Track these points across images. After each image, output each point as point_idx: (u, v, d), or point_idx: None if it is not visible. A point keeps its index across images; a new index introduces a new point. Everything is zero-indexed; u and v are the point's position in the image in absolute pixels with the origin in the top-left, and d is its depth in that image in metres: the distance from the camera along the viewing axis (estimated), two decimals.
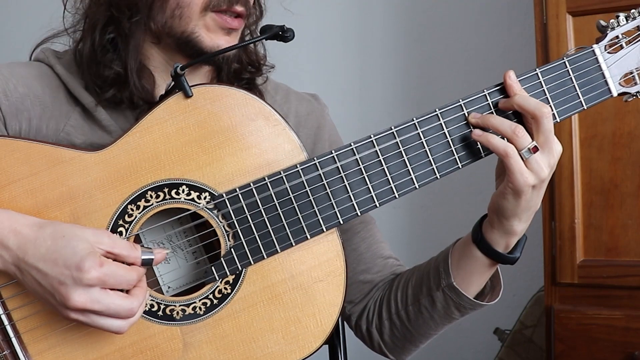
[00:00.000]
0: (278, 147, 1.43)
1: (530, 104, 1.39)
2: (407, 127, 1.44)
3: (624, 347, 2.30)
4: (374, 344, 1.70)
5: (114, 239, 1.33)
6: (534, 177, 1.38)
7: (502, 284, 1.56)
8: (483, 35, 3.17)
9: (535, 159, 1.38)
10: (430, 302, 1.58)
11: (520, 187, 1.38)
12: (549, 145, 1.39)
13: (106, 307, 1.30)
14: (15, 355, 1.37)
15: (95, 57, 1.53)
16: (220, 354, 1.42)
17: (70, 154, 1.40)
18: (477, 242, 1.50)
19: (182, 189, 1.40)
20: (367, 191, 1.44)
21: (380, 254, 1.72)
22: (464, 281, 1.54)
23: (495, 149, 1.39)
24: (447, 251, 1.57)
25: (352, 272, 1.68)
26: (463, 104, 1.44)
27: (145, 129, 1.41)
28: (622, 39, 1.46)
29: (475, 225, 1.52)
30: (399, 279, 1.67)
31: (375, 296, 1.68)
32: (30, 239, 1.31)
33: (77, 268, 1.28)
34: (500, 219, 1.45)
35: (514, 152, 1.37)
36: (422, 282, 1.59)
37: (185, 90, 1.41)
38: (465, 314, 1.57)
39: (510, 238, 1.47)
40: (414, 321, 1.62)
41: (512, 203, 1.41)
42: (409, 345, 1.67)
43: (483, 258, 1.50)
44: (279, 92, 1.74)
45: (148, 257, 1.35)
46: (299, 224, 1.43)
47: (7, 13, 3.70)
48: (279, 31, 1.45)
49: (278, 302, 1.43)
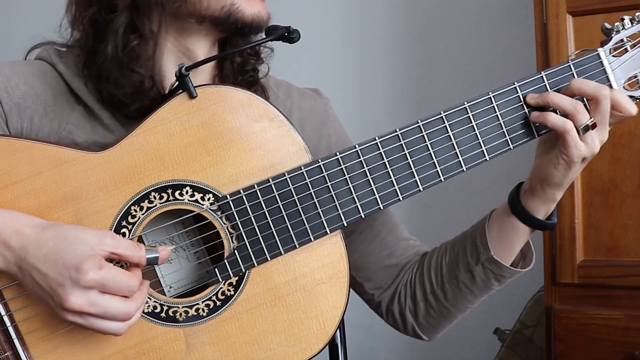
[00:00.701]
0: (282, 148, 1.43)
1: (589, 86, 1.43)
2: (411, 130, 1.44)
3: (624, 347, 2.30)
4: (407, 326, 1.71)
5: (117, 240, 1.32)
6: (588, 150, 1.44)
7: (533, 250, 1.61)
8: (483, 35, 3.17)
9: (591, 135, 1.43)
10: (470, 277, 1.60)
11: (573, 159, 1.44)
12: (604, 123, 1.44)
13: (103, 310, 1.29)
14: (17, 357, 1.37)
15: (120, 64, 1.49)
16: (223, 356, 1.42)
17: (73, 154, 1.39)
18: (517, 213, 1.54)
19: (185, 190, 1.40)
20: (371, 193, 1.43)
21: (401, 237, 1.73)
22: (503, 253, 1.57)
23: (554, 126, 1.43)
24: (483, 225, 1.59)
25: (377, 258, 1.69)
26: (469, 106, 1.45)
27: (149, 129, 1.40)
28: (626, 43, 1.46)
29: (511, 197, 1.56)
30: (428, 258, 1.67)
31: (405, 279, 1.69)
32: (32, 239, 1.30)
33: (75, 269, 1.27)
34: (544, 187, 1.50)
35: (572, 127, 1.42)
36: (458, 259, 1.61)
37: (189, 90, 1.40)
38: (503, 283, 1.61)
39: (550, 205, 1.54)
40: (451, 298, 1.63)
41: (562, 173, 1.47)
42: (444, 323, 1.68)
43: (524, 227, 1.55)
44: (280, 88, 1.73)
45: (152, 255, 1.35)
46: (302, 225, 1.42)
47: (7, 13, 3.69)
48: (284, 32, 1.44)
49: (281, 304, 1.43)
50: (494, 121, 1.45)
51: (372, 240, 1.69)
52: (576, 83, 1.44)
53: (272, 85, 1.72)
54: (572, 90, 1.44)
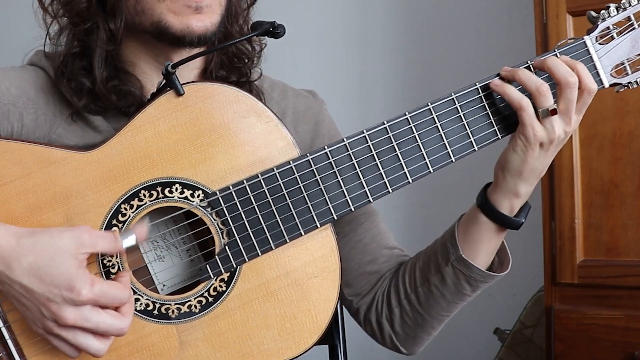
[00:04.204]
0: (271, 143, 1.43)
1: (559, 70, 1.41)
2: (399, 122, 1.44)
3: (624, 347, 2.29)
4: (385, 336, 1.68)
5: (93, 237, 1.33)
6: (545, 134, 1.42)
7: (510, 257, 1.58)
8: (483, 35, 3.17)
9: (549, 120, 1.41)
10: (440, 279, 1.57)
11: (530, 139, 1.42)
12: (568, 114, 1.42)
13: (95, 326, 1.31)
14: (11, 357, 1.37)
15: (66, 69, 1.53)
16: (216, 352, 1.42)
17: (62, 154, 1.40)
18: (481, 206, 1.52)
19: (175, 187, 1.40)
20: (360, 186, 1.44)
21: (385, 245, 1.71)
22: (471, 251, 1.54)
23: (510, 100, 1.42)
24: (453, 226, 1.58)
25: (358, 264, 1.68)
26: (456, 97, 1.45)
27: (137, 127, 1.41)
28: (613, 30, 1.46)
29: (480, 192, 1.54)
30: (404, 264, 1.66)
31: (383, 286, 1.67)
32: (10, 251, 1.30)
33: (68, 288, 1.28)
34: (505, 175, 1.47)
35: (529, 106, 1.41)
36: (430, 261, 1.59)
37: (176, 88, 1.40)
38: (476, 288, 1.57)
39: (514, 200, 1.49)
40: (424, 303, 1.61)
41: (520, 157, 1.44)
42: (421, 333, 1.65)
43: (488, 223, 1.52)
44: (275, 89, 1.73)
45: (130, 243, 1.35)
46: (292, 220, 1.42)
47: (7, 13, 3.70)
48: (269, 27, 1.44)
49: (273, 299, 1.43)
50: (481, 111, 1.45)
51: (354, 245, 1.68)
52: (550, 60, 1.42)
53: (266, 87, 1.71)
54: (545, 65, 1.42)
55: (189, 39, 1.48)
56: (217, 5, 1.51)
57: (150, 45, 1.55)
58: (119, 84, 1.53)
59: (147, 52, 1.56)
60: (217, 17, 1.51)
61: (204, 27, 1.49)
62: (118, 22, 1.50)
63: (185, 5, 1.47)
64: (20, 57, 1.65)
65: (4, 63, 1.62)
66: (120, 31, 1.51)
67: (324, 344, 1.84)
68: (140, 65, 1.57)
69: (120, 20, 1.50)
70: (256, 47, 1.68)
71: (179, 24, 1.48)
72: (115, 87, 1.53)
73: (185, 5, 1.47)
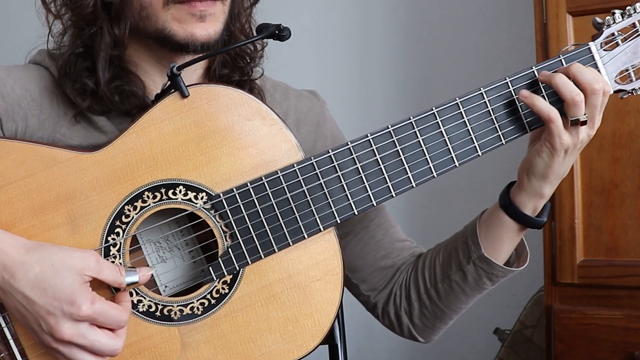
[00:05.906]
0: (275, 146, 1.43)
1: (584, 77, 1.41)
2: (404, 126, 1.44)
3: (624, 347, 2.29)
4: (403, 328, 1.70)
5: (101, 265, 1.34)
6: (572, 142, 1.44)
7: (528, 250, 1.60)
8: (483, 35, 3.17)
9: (577, 129, 1.43)
10: (462, 276, 1.59)
11: (556, 147, 1.43)
12: (592, 119, 1.44)
13: (91, 344, 1.32)
14: (13, 357, 1.37)
15: (70, 70, 1.53)
16: (218, 354, 1.42)
17: (66, 154, 1.40)
18: (505, 207, 1.53)
19: (179, 189, 1.40)
20: (364, 190, 1.44)
21: (397, 238, 1.72)
22: (493, 250, 1.56)
23: (539, 112, 1.43)
24: (474, 224, 1.58)
25: (372, 260, 1.69)
26: (460, 102, 1.45)
27: (141, 129, 1.41)
28: (617, 36, 1.46)
29: (502, 192, 1.55)
30: (422, 258, 1.67)
31: (400, 280, 1.68)
32: (17, 262, 1.31)
33: (68, 302, 1.29)
34: (530, 178, 1.48)
35: (557, 118, 1.42)
36: (451, 258, 1.61)
37: (181, 90, 1.41)
38: (496, 282, 1.60)
39: (538, 201, 1.51)
40: (444, 298, 1.63)
41: (545, 162, 1.45)
42: (439, 324, 1.68)
43: (512, 223, 1.54)
44: (277, 90, 1.73)
45: (132, 280, 1.37)
46: (296, 223, 1.43)
47: (7, 13, 3.70)
48: (275, 30, 1.44)
49: (276, 302, 1.43)
50: (486, 116, 1.45)
51: (368, 241, 1.69)
52: (575, 67, 1.42)
53: (268, 87, 1.72)
54: (570, 72, 1.42)
55: (192, 47, 1.49)
56: (221, 13, 1.52)
57: (154, 49, 1.55)
58: (121, 84, 1.53)
59: (150, 55, 1.56)
60: (220, 25, 1.52)
61: (207, 36, 1.49)
62: (123, 27, 1.51)
63: (189, 14, 1.47)
64: (20, 54, 1.65)
65: (4, 61, 1.62)
66: (125, 36, 1.51)
67: (324, 344, 1.84)
68: (143, 66, 1.57)
69: (125, 25, 1.50)
70: (258, 46, 1.68)
71: (182, 32, 1.48)
72: (118, 87, 1.53)
73: (189, 14, 1.47)
